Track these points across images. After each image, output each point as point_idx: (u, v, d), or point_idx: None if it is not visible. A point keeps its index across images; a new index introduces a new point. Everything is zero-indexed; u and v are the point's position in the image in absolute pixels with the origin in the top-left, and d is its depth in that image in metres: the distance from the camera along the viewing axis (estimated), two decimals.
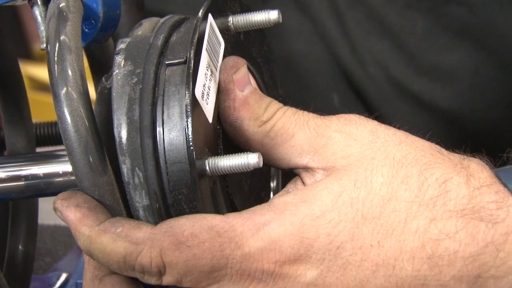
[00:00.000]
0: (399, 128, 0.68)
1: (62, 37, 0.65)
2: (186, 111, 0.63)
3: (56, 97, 0.64)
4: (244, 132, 0.68)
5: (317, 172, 0.67)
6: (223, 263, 0.63)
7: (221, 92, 0.68)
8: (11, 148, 0.86)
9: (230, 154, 0.65)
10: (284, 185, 0.81)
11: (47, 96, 2.65)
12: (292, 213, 0.64)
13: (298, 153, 0.67)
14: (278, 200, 0.65)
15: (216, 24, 0.69)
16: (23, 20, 3.17)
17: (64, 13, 0.67)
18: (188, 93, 0.63)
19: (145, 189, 0.65)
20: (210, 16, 0.68)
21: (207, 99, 0.66)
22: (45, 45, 0.67)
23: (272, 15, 0.71)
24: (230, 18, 0.71)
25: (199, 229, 0.63)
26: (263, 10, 0.71)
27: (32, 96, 0.90)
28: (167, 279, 0.64)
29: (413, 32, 0.99)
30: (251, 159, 0.64)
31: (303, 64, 1.03)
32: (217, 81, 0.68)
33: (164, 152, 0.64)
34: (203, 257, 0.62)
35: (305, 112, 0.69)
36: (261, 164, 0.65)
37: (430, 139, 0.68)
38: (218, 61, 0.68)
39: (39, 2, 0.73)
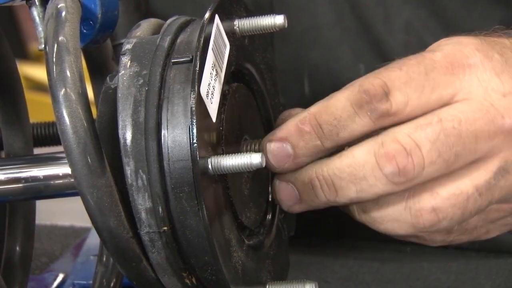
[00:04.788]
0: None
1: (60, 38, 0.65)
2: (191, 108, 0.63)
3: (54, 98, 0.64)
4: None
5: None
6: None
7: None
8: (8, 149, 0.86)
9: (233, 154, 0.65)
10: None
11: (43, 96, 2.65)
12: None
13: None
14: None
15: (222, 26, 0.69)
16: (19, 20, 3.17)
17: (63, 14, 0.67)
18: (193, 91, 0.63)
19: (148, 191, 0.65)
20: (216, 17, 0.68)
21: (212, 98, 0.66)
22: (43, 45, 0.67)
23: (278, 19, 0.71)
24: (236, 21, 0.72)
25: None
26: (269, 15, 0.71)
27: (28, 96, 0.90)
28: (395, 99, 0.67)
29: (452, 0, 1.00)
30: (254, 159, 0.64)
31: (331, 34, 1.03)
32: (221, 82, 0.68)
33: (168, 150, 0.64)
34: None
35: None
36: (264, 164, 0.65)
37: None
38: (223, 62, 0.69)
39: (37, 3, 0.73)
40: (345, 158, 0.69)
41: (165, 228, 0.65)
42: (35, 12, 0.73)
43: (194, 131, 0.62)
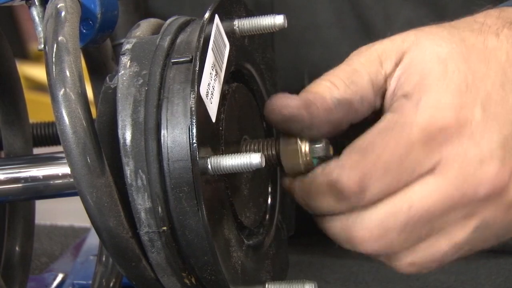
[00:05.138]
0: None
1: (60, 38, 0.65)
2: (191, 108, 0.63)
3: (54, 98, 0.64)
4: None
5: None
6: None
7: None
8: (8, 149, 0.86)
9: (233, 154, 0.65)
10: (283, 188, 0.81)
11: (43, 96, 2.65)
12: None
13: None
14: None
15: (222, 26, 0.69)
16: (19, 20, 3.17)
17: (62, 14, 0.67)
18: (193, 91, 0.63)
19: (147, 191, 0.65)
20: (216, 17, 0.68)
21: (211, 99, 0.66)
22: (43, 45, 0.67)
23: (278, 19, 0.71)
24: (236, 21, 0.72)
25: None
26: (269, 15, 0.71)
27: (28, 96, 0.90)
28: (371, 192, 0.68)
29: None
30: (254, 159, 0.64)
31: (332, 33, 1.03)
32: (221, 82, 0.68)
33: (167, 150, 0.64)
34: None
35: None
36: (263, 164, 0.65)
37: None
38: (223, 62, 0.69)
39: (36, 3, 0.73)
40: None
41: (165, 228, 0.65)
42: (35, 12, 0.73)
43: (194, 131, 0.62)
